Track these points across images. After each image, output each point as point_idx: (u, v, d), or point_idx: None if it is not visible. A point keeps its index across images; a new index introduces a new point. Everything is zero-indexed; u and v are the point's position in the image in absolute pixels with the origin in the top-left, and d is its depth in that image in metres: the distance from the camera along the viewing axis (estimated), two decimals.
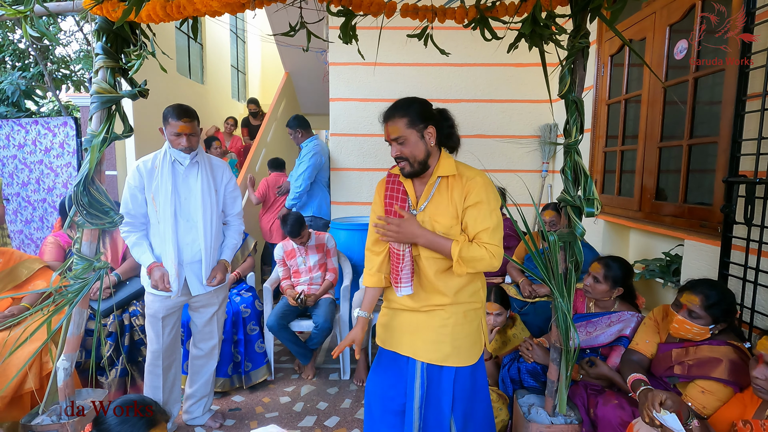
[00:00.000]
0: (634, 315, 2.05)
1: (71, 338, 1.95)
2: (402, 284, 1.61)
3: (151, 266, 2.13)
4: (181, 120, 2.08)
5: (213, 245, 2.24)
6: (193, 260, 2.22)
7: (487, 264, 1.50)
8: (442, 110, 1.65)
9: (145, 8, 1.71)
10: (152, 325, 2.24)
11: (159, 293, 2.17)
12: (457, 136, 1.67)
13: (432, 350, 1.62)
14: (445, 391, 1.63)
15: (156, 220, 2.15)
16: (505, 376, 2.20)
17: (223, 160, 2.41)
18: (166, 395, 2.31)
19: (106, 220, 1.92)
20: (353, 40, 1.99)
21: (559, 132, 3.84)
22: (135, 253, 2.17)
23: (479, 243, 1.52)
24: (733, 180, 1.86)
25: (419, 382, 1.64)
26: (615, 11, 1.53)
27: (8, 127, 4.50)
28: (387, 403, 1.72)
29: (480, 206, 1.54)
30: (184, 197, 2.17)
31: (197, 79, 6.95)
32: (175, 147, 2.12)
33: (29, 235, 4.61)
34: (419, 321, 1.65)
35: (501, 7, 1.83)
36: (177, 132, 2.08)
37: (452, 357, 1.62)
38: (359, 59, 3.55)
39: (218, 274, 2.25)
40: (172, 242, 2.14)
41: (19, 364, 2.08)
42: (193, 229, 2.19)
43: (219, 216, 2.29)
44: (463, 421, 1.65)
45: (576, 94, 1.67)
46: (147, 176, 2.13)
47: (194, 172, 2.19)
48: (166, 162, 2.14)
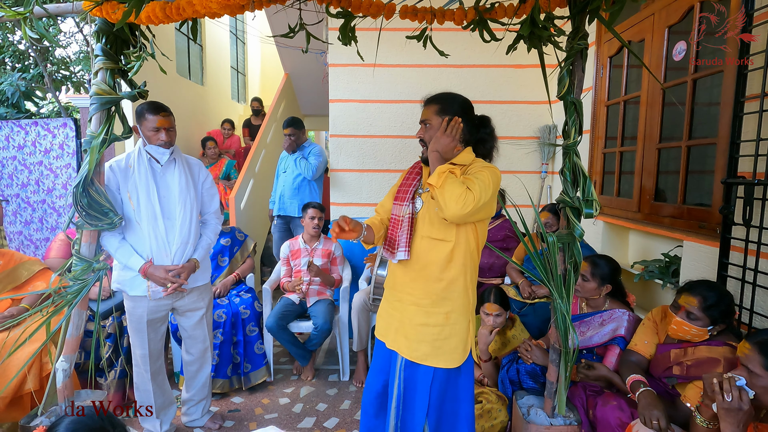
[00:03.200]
0: (624, 312, 2.06)
1: (70, 339, 1.95)
2: (399, 248, 1.64)
3: (144, 267, 2.06)
4: (159, 114, 2.06)
5: (192, 244, 2.19)
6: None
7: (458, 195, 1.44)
8: (484, 117, 1.72)
9: (145, 10, 1.71)
10: (137, 331, 2.16)
11: (140, 295, 2.11)
12: (492, 145, 1.71)
13: (412, 348, 1.64)
14: (420, 391, 1.63)
15: (135, 221, 2.08)
16: (504, 377, 2.20)
17: (199, 160, 2.36)
18: (158, 398, 2.28)
19: (105, 221, 1.92)
20: (352, 42, 1.99)
21: (558, 133, 3.84)
22: (121, 258, 2.06)
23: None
24: (731, 181, 1.86)
25: (398, 380, 1.66)
26: (613, 13, 1.53)
27: (8, 129, 4.49)
28: (371, 383, 1.78)
29: (473, 175, 1.53)
30: (163, 195, 2.12)
31: (197, 81, 6.96)
32: (153, 143, 2.07)
33: (29, 236, 4.61)
34: (404, 316, 1.68)
35: (500, 8, 1.83)
36: (156, 126, 2.05)
37: (431, 357, 1.62)
38: (358, 60, 3.56)
39: (183, 273, 2.12)
40: (154, 242, 2.08)
41: (19, 365, 2.08)
42: (175, 228, 2.13)
43: (197, 214, 2.23)
44: (436, 428, 1.64)
45: (575, 96, 1.68)
46: (122, 175, 2.07)
47: (171, 170, 2.15)
48: (142, 161, 2.09)
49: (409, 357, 1.64)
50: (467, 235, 1.61)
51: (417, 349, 1.63)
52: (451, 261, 1.61)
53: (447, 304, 1.63)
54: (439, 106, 1.63)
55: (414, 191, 1.70)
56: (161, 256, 2.10)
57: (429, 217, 1.62)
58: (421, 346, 1.63)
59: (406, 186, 1.72)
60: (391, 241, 1.69)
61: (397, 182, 1.80)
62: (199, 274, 2.26)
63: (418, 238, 1.64)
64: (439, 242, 1.61)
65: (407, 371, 1.65)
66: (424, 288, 1.63)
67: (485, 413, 2.12)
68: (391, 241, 1.69)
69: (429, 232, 1.62)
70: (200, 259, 2.23)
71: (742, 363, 1.37)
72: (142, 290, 2.12)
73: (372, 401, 1.78)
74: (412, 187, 1.70)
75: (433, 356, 1.62)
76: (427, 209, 1.64)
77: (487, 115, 1.73)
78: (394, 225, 1.69)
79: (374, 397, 1.77)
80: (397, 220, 1.68)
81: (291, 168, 3.96)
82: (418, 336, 1.64)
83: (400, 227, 1.65)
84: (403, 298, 1.69)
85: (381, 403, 1.77)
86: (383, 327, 1.77)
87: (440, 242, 1.60)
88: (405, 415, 1.66)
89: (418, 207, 1.68)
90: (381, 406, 1.77)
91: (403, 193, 1.70)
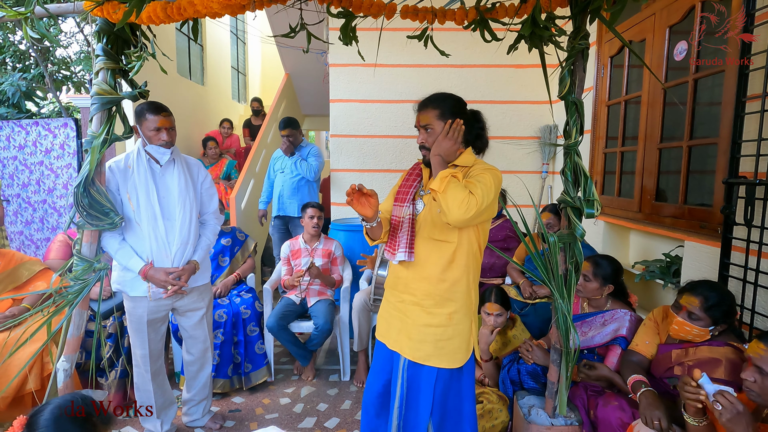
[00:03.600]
0: (627, 313, 2.05)
1: (71, 339, 1.95)
2: (399, 249, 1.63)
3: (144, 269, 2.06)
4: (160, 114, 2.06)
5: (192, 244, 2.19)
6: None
7: (461, 200, 1.43)
8: (475, 112, 1.71)
9: (146, 10, 1.71)
10: (137, 332, 2.17)
11: (140, 296, 2.12)
12: (486, 138, 1.73)
13: (415, 348, 1.64)
14: (424, 391, 1.64)
15: (135, 222, 2.08)
16: (505, 378, 2.20)
17: (197, 161, 2.36)
18: (159, 398, 2.28)
19: (106, 221, 1.92)
20: (353, 42, 1.99)
21: (559, 133, 3.84)
22: (121, 259, 2.06)
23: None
24: (733, 181, 1.86)
25: (401, 381, 1.66)
26: (614, 13, 1.53)
27: (9, 129, 4.50)
28: (372, 383, 1.78)
29: (475, 178, 1.53)
30: (163, 196, 2.12)
31: (197, 81, 6.96)
32: (154, 142, 2.07)
33: (29, 236, 4.61)
34: (406, 317, 1.67)
35: (501, 8, 1.83)
36: (157, 126, 2.05)
37: (434, 357, 1.63)
38: (359, 60, 3.55)
39: (184, 275, 2.13)
40: (154, 243, 2.08)
41: (20, 365, 2.08)
42: (175, 228, 2.13)
43: (197, 214, 2.23)
44: (439, 427, 1.65)
45: (576, 96, 1.67)
46: (121, 175, 2.07)
47: (171, 170, 2.15)
48: (141, 161, 2.08)
49: (411, 357, 1.64)
50: (469, 237, 1.61)
51: (420, 350, 1.63)
52: (453, 262, 1.61)
53: (450, 304, 1.63)
54: (439, 110, 1.62)
55: (414, 192, 1.70)
56: (161, 257, 2.10)
57: (431, 219, 1.62)
58: (423, 346, 1.63)
59: (407, 187, 1.71)
60: (392, 241, 1.69)
61: (396, 183, 1.80)
62: (199, 274, 2.26)
63: (420, 240, 1.64)
64: (441, 243, 1.61)
65: (410, 371, 1.65)
66: (426, 289, 1.63)
67: (486, 413, 2.12)
68: (392, 241, 1.68)
69: (431, 233, 1.62)
70: (200, 260, 2.23)
71: (755, 363, 1.36)
72: (142, 291, 2.12)
73: (373, 401, 1.78)
74: (412, 188, 1.70)
75: (435, 356, 1.62)
76: (428, 211, 1.64)
77: (477, 109, 1.72)
78: (395, 226, 1.69)
79: (375, 397, 1.77)
80: (398, 221, 1.68)
81: (289, 168, 3.95)
82: (420, 336, 1.63)
83: (401, 228, 1.65)
84: (405, 298, 1.68)
85: (382, 403, 1.77)
86: (384, 328, 1.77)
87: (442, 243, 1.60)
88: (408, 414, 1.66)
89: (419, 208, 1.67)
90: (382, 406, 1.77)
91: (404, 194, 1.70)
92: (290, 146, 3.90)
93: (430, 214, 1.63)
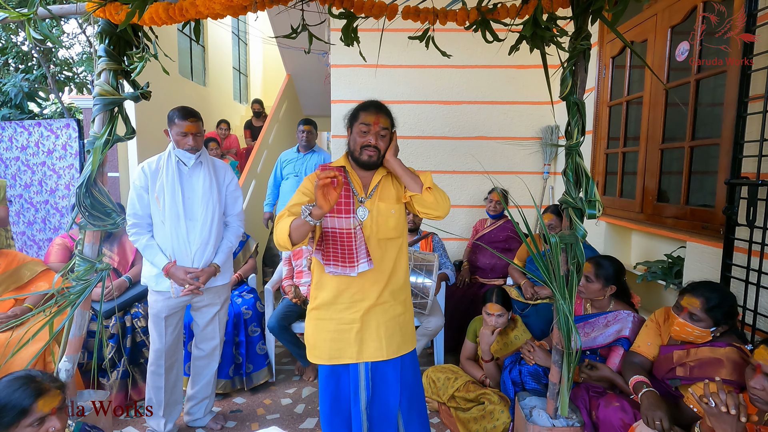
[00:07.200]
0: (629, 314, 2.05)
1: (73, 340, 1.96)
2: (360, 261, 1.60)
3: (167, 267, 2.14)
4: (187, 120, 2.13)
5: (213, 245, 2.25)
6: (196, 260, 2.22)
7: (445, 202, 1.64)
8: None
9: (148, 11, 1.71)
10: (155, 324, 2.25)
11: (162, 291, 2.19)
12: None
13: (387, 345, 1.67)
14: (391, 383, 1.68)
15: (160, 221, 2.16)
16: (506, 378, 2.20)
17: (224, 162, 2.43)
18: (168, 396, 2.31)
19: (108, 221, 1.92)
20: (355, 42, 1.99)
21: (561, 134, 3.84)
22: (148, 255, 2.17)
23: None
24: (735, 182, 1.85)
25: (364, 384, 1.67)
26: (616, 13, 1.53)
27: (11, 129, 4.51)
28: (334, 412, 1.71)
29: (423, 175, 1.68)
30: (188, 196, 2.19)
31: (199, 81, 6.97)
32: (181, 147, 2.15)
33: (32, 236, 4.63)
34: (368, 322, 1.66)
35: (502, 9, 1.83)
36: (183, 132, 2.12)
37: (403, 345, 1.72)
38: (361, 61, 3.56)
39: (202, 276, 2.17)
40: (176, 241, 2.15)
41: (23, 365, 2.09)
42: (196, 228, 2.20)
43: (220, 216, 2.29)
44: (408, 410, 1.72)
45: (577, 96, 1.67)
46: (151, 177, 2.16)
47: (197, 172, 2.22)
48: (171, 163, 2.16)
49: (383, 357, 1.67)
50: (404, 221, 1.73)
51: (391, 344, 1.68)
52: (400, 251, 1.71)
53: (403, 291, 1.75)
54: (390, 120, 1.68)
55: (353, 202, 1.64)
56: (182, 256, 2.18)
57: (378, 222, 1.65)
58: (394, 339, 1.69)
59: (346, 198, 1.64)
60: (344, 255, 1.60)
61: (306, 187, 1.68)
62: (219, 275, 2.31)
63: (372, 244, 1.65)
64: (390, 241, 1.68)
65: (374, 372, 1.68)
66: (385, 286, 1.67)
67: (487, 414, 2.12)
68: (343, 255, 1.60)
69: (384, 234, 1.66)
70: (221, 263, 2.29)
71: (765, 371, 1.34)
72: (166, 286, 2.20)
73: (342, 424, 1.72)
74: (351, 198, 1.65)
75: (404, 344, 1.72)
76: (377, 214, 1.65)
77: None
78: (347, 239, 1.61)
79: (343, 420, 1.71)
80: (340, 233, 1.61)
81: (304, 172, 3.95)
82: (389, 331, 1.68)
83: (354, 240, 1.60)
84: (362, 306, 1.65)
85: (346, 420, 1.72)
86: (333, 348, 1.67)
87: (391, 241, 1.68)
88: (373, 413, 1.68)
89: (362, 216, 1.64)
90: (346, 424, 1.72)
91: (346, 205, 1.63)
92: (311, 141, 3.93)
93: (378, 217, 1.66)
